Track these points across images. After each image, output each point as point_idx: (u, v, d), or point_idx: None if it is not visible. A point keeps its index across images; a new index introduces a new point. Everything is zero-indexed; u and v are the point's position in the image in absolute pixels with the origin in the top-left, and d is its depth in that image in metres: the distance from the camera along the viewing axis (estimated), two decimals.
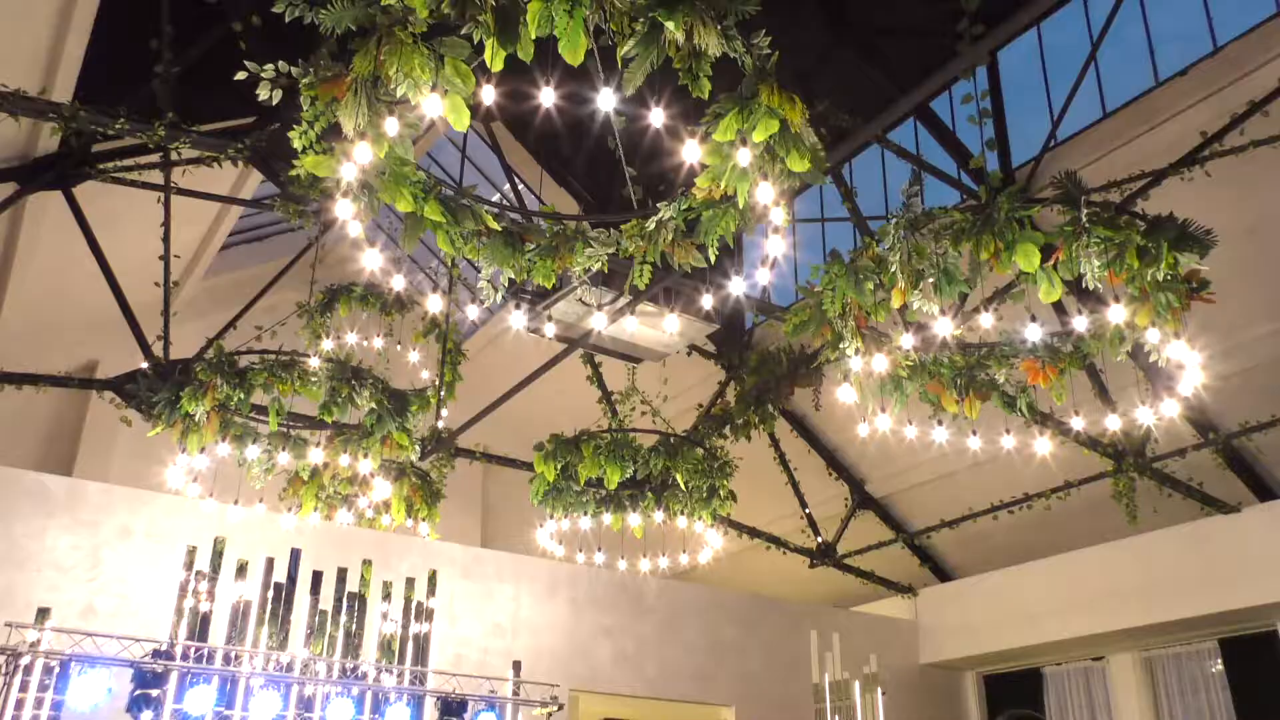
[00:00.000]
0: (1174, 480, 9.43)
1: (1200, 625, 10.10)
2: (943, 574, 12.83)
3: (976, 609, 11.95)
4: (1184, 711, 10.63)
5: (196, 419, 7.11)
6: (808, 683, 11.67)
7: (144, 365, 7.69)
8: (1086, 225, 5.26)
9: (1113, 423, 7.08)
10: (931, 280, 5.73)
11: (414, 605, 9.68)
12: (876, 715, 11.53)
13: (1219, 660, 10.30)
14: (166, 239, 8.24)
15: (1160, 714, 10.79)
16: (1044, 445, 7.40)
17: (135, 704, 7.16)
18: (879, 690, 11.60)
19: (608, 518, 9.10)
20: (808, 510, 12.07)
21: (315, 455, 7.96)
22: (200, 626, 8.48)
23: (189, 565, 8.62)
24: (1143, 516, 9.49)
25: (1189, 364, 5.74)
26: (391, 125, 4.36)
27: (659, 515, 9.10)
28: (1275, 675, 9.56)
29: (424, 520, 9.87)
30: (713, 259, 5.75)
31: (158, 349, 7.96)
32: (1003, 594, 11.65)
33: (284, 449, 7.78)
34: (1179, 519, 9.90)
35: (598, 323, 6.96)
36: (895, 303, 5.93)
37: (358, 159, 4.44)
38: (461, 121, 4.38)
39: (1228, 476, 9.46)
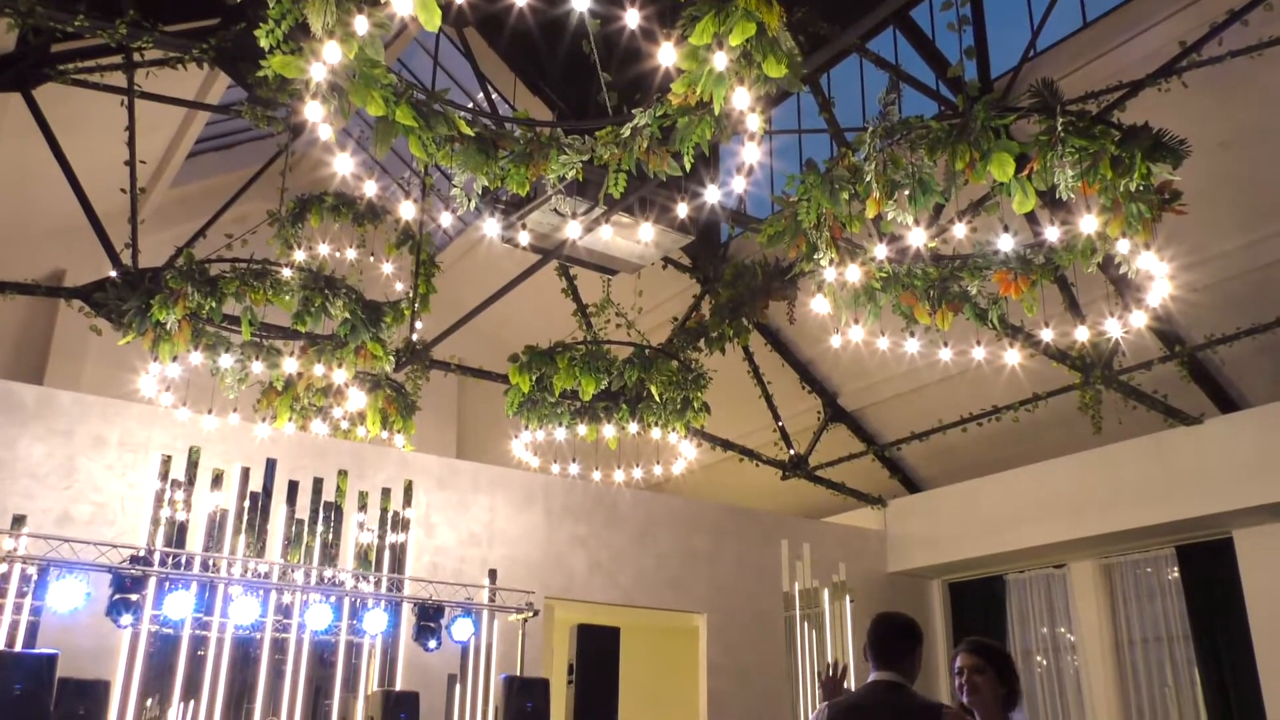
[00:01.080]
0: (1139, 392, 9.59)
1: (1159, 533, 10.39)
2: (912, 485, 13.07)
3: (943, 519, 12.21)
4: (1140, 616, 11.00)
5: (168, 327, 7.05)
6: (778, 591, 11.97)
7: (112, 274, 7.59)
8: (1062, 135, 5.26)
9: (1081, 334, 7.17)
10: (906, 190, 5.73)
11: (390, 516, 9.79)
12: (844, 622, 11.88)
13: (1176, 567, 10.63)
14: (131, 144, 8.06)
15: (1117, 619, 11.16)
16: (1013, 357, 7.51)
17: (114, 608, 7.25)
18: (847, 598, 11.94)
19: (582, 429, 9.18)
20: (780, 423, 12.21)
21: (289, 365, 7.93)
22: (177, 535, 8.55)
23: (164, 475, 8.65)
24: (1108, 428, 9.66)
25: (1158, 275, 5.81)
26: (361, 24, 4.27)
27: (633, 427, 9.19)
28: (1229, 581, 9.88)
29: (399, 432, 9.92)
30: (688, 167, 5.72)
31: (126, 257, 7.84)
32: (969, 504, 11.91)
33: (257, 358, 7.75)
34: (1143, 431, 10.10)
35: (572, 232, 6.93)
36: (870, 213, 5.94)
37: (326, 59, 4.34)
38: (432, 21, 4.29)
39: (1191, 389, 9.63)
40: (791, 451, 12.39)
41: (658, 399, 8.93)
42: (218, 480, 8.90)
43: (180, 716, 8.21)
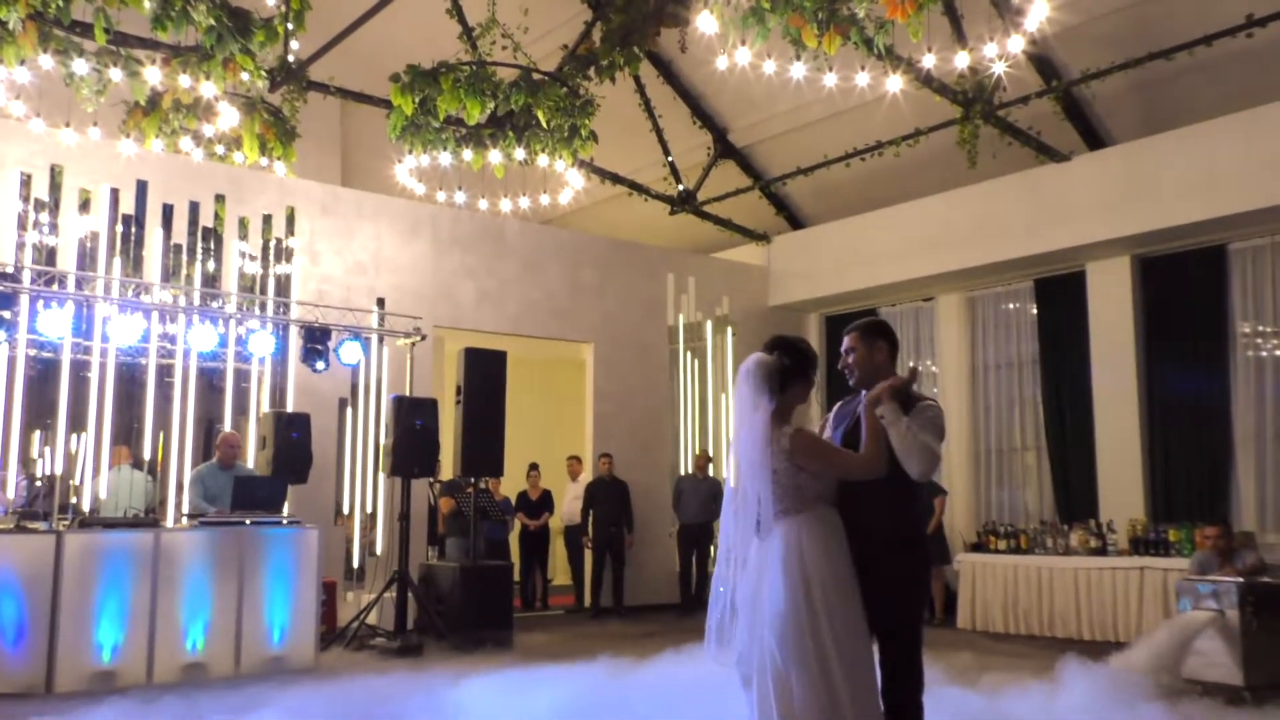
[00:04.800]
0: (1015, 128, 9.83)
1: (1020, 267, 10.98)
2: (796, 222, 13.38)
3: (824, 255, 12.64)
4: (996, 344, 11.79)
5: (9, 27, 6.52)
6: (664, 323, 12.42)
7: None
8: None
9: (962, 60, 7.26)
10: None
11: (273, 244, 9.64)
12: (725, 353, 12.48)
13: (1033, 300, 11.33)
14: None
15: (975, 347, 11.95)
16: (895, 83, 7.59)
17: None
18: (729, 330, 12.49)
19: (468, 155, 9.05)
20: (670, 158, 12.20)
21: (151, 76, 7.49)
22: (46, 258, 8.30)
23: (25, 196, 8.29)
24: (982, 165, 9.94)
25: None
26: None
27: (520, 154, 9.09)
28: (1078, 310, 10.62)
29: (279, 159, 9.59)
30: None
31: None
32: (848, 241, 12.31)
33: (115, 65, 7.28)
34: (1016, 168, 10.45)
35: None
36: None
37: None
38: None
39: (1064, 126, 9.91)
40: (680, 187, 12.47)
41: (545, 126, 8.80)
42: (85, 204, 8.57)
43: (69, 446, 8.24)
